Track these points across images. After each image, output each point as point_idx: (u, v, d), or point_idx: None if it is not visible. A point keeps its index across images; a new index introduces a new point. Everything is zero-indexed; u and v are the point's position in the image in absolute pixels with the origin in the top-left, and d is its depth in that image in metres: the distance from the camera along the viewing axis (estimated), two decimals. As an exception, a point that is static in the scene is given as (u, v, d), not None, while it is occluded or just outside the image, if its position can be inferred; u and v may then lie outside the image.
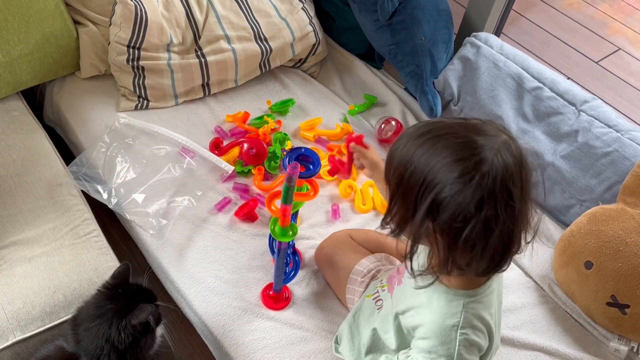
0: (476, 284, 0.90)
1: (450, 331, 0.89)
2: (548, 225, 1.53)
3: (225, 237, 1.41)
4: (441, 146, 0.80)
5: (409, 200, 0.82)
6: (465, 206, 0.77)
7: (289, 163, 1.13)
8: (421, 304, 0.93)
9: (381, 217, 1.48)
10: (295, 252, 1.33)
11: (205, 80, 1.68)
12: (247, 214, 1.44)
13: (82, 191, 1.46)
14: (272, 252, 1.19)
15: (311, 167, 1.04)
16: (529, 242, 0.86)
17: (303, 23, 1.78)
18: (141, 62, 1.59)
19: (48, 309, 1.22)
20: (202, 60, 1.65)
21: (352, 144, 1.10)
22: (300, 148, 1.25)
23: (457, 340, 0.89)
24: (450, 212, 0.78)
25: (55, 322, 1.22)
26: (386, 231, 0.90)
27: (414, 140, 0.83)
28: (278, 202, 1.06)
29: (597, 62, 2.65)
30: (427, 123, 0.86)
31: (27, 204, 1.37)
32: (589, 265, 1.31)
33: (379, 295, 1.08)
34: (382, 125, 1.68)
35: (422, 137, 0.82)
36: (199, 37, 1.66)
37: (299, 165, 0.98)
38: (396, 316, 1.01)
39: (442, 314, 0.90)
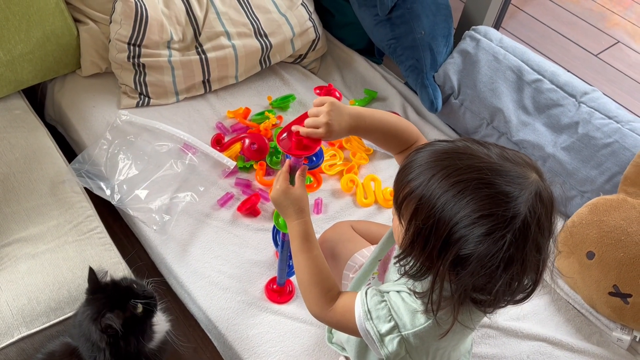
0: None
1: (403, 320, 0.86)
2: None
3: (228, 232, 1.42)
4: (469, 196, 0.73)
5: (431, 252, 0.76)
6: (493, 266, 0.73)
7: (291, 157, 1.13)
8: (403, 288, 0.89)
9: (383, 210, 1.51)
10: (298, 246, 1.33)
11: (206, 77, 1.69)
12: (250, 209, 1.45)
13: (85, 188, 1.46)
14: (276, 244, 1.20)
15: (314, 159, 1.05)
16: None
17: (303, 19, 1.78)
18: (142, 60, 1.59)
19: (53, 304, 1.22)
20: (203, 56, 1.65)
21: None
22: None
23: (397, 338, 0.86)
24: (474, 270, 0.73)
25: (61, 318, 1.22)
26: (402, 271, 0.84)
27: (438, 182, 0.75)
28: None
29: (596, 55, 2.65)
30: (448, 154, 0.77)
31: (30, 202, 1.38)
32: (590, 255, 1.32)
33: (371, 283, 1.08)
34: (383, 120, 1.68)
35: (446, 180, 0.74)
36: (199, 34, 1.66)
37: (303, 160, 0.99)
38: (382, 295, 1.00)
39: (409, 310, 0.86)
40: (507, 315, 1.35)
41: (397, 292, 0.88)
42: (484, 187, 0.73)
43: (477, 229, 0.72)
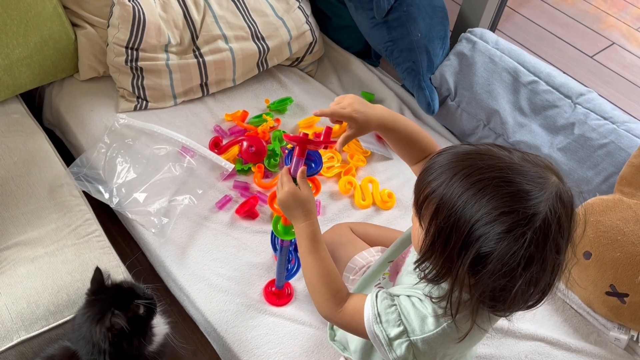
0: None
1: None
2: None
3: (227, 234, 1.42)
4: (489, 194, 0.73)
5: (452, 252, 0.76)
6: (513, 264, 0.72)
7: (290, 162, 1.13)
8: (414, 293, 0.90)
9: (381, 212, 1.52)
10: (296, 249, 1.34)
11: (204, 80, 1.69)
12: (248, 212, 1.45)
13: (83, 192, 1.46)
14: (275, 249, 1.20)
15: (313, 165, 1.05)
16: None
17: (299, 22, 1.79)
18: (139, 63, 1.60)
19: (52, 308, 1.22)
20: (200, 60, 1.66)
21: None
22: None
23: (405, 344, 0.87)
24: (494, 268, 0.73)
25: (60, 322, 1.22)
26: (421, 275, 0.83)
27: (459, 182, 0.75)
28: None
29: (591, 57, 2.66)
30: (469, 155, 0.78)
31: (29, 205, 1.38)
32: (587, 255, 1.33)
33: (381, 283, 1.09)
34: (380, 122, 1.69)
35: (467, 179, 0.75)
36: (197, 37, 1.67)
37: (303, 163, 0.99)
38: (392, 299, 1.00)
39: (419, 315, 0.87)
40: (504, 316, 1.35)
41: (408, 296, 0.89)
42: (504, 185, 0.73)
43: (497, 226, 0.72)
